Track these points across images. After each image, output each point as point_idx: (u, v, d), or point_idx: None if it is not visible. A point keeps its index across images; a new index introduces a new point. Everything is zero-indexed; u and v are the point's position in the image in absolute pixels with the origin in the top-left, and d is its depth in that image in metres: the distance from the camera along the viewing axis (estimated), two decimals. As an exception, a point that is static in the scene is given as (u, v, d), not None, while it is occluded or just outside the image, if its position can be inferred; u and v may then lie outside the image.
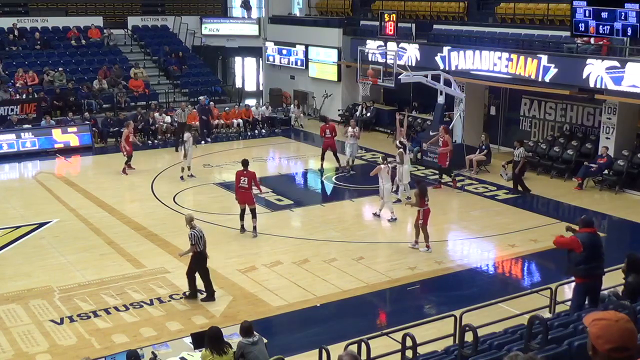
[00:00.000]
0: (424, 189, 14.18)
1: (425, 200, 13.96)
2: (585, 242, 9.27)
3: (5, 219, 16.05)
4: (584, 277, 9.34)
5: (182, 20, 31.54)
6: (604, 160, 18.56)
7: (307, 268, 13.14)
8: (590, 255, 9.28)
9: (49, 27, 29.69)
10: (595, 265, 9.36)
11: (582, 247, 9.23)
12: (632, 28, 16.43)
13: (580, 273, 9.34)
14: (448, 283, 12.74)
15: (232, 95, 30.12)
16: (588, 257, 9.27)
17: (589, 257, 9.27)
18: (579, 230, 9.54)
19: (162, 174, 20.23)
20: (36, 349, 10.10)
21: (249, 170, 14.87)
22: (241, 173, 14.83)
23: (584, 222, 9.64)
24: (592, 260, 9.31)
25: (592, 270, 9.32)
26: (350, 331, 10.06)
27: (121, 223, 15.82)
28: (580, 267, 9.29)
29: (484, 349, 7.29)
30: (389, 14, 22.98)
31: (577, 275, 9.45)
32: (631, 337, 3.31)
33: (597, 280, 9.44)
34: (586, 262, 9.25)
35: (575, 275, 9.50)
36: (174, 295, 11.91)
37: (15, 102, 24.07)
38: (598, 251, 9.46)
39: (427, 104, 24.33)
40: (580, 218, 9.90)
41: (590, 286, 9.35)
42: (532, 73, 19.49)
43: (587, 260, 9.26)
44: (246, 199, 14.81)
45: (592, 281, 9.36)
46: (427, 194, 14.10)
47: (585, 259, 9.25)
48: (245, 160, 15.14)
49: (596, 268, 9.38)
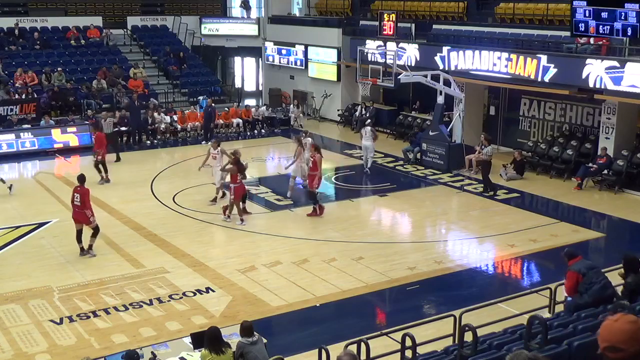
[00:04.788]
0: (242, 166, 15.52)
1: (239, 177, 15.34)
2: (581, 269, 8.99)
3: (5, 219, 16.05)
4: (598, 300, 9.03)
5: (181, 20, 31.55)
6: (603, 160, 18.57)
7: (307, 268, 13.14)
8: (593, 277, 9.02)
9: (49, 27, 29.71)
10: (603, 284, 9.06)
11: (583, 275, 8.98)
12: (632, 28, 16.42)
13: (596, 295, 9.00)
14: (447, 283, 12.73)
15: (231, 95, 30.13)
16: (591, 280, 8.99)
17: (592, 280, 9.00)
18: (569, 264, 9.27)
19: (161, 173, 20.23)
20: (36, 349, 10.10)
21: (82, 187, 13.53)
22: (75, 189, 13.61)
23: (569, 255, 9.28)
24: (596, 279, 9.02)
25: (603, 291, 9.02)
26: (350, 331, 10.05)
27: (121, 223, 15.82)
28: (594, 289, 9.00)
29: (484, 349, 7.29)
30: (388, 13, 22.98)
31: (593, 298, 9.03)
32: (627, 337, 3.27)
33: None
34: (591, 286, 8.96)
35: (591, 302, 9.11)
36: (173, 295, 11.91)
37: (14, 102, 24.07)
38: (597, 271, 9.22)
39: (427, 104, 24.35)
40: (563, 253, 9.47)
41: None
42: (532, 73, 19.49)
43: (592, 284, 8.97)
44: (81, 218, 13.51)
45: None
46: (244, 172, 15.60)
47: (590, 284, 8.99)
48: (81, 176, 13.85)
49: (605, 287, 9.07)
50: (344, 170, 20.97)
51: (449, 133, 21.26)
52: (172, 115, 25.64)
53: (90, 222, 13.55)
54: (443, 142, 20.69)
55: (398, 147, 22.62)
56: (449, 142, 20.76)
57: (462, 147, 20.65)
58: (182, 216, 16.39)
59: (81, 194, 13.41)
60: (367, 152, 20.51)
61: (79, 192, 13.44)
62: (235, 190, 15.48)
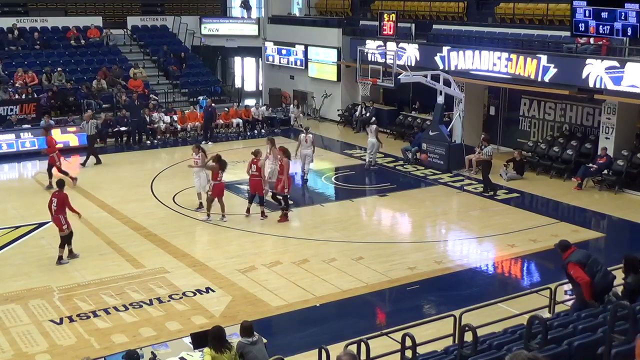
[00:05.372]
0: (224, 164, 15.58)
1: (219, 175, 15.47)
2: (581, 260, 9.03)
3: (5, 219, 16.05)
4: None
5: (181, 20, 31.57)
6: (603, 160, 18.57)
7: (307, 268, 13.14)
8: (593, 266, 9.06)
9: (49, 27, 29.71)
10: (604, 271, 9.12)
11: (583, 265, 8.99)
12: (632, 28, 16.45)
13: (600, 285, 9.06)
14: (447, 283, 12.73)
15: (231, 95, 30.13)
16: (593, 269, 9.03)
17: (593, 269, 9.03)
18: (564, 256, 9.22)
19: (161, 173, 20.23)
20: (35, 349, 10.10)
21: (60, 192, 13.42)
22: (53, 194, 13.47)
23: (562, 246, 9.30)
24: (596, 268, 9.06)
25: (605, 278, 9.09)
26: (350, 331, 10.06)
27: (121, 223, 15.82)
28: (598, 277, 8.92)
29: (484, 349, 7.29)
30: (388, 13, 23.02)
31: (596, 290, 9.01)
32: None
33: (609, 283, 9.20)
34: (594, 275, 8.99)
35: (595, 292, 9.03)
36: (173, 295, 11.91)
37: (14, 102, 24.07)
38: (595, 259, 9.26)
39: (427, 104, 24.35)
40: (556, 244, 9.48)
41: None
42: (532, 73, 19.49)
43: (594, 273, 8.99)
44: (57, 223, 13.36)
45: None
46: (224, 170, 15.64)
47: (592, 273, 8.95)
48: (59, 181, 13.84)
49: (606, 274, 9.14)
50: (344, 170, 20.99)
51: (449, 133, 21.27)
52: (172, 115, 25.64)
53: (62, 229, 13.25)
54: (443, 142, 20.69)
55: (398, 147, 22.62)
56: (449, 142, 20.76)
57: (462, 147, 20.65)
58: (182, 216, 16.39)
59: (58, 199, 13.25)
60: (372, 148, 20.85)
61: (57, 197, 13.29)
62: (215, 187, 15.62)
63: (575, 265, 9.01)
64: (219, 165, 15.56)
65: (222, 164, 15.64)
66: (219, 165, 15.56)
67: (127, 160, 22.33)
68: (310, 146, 19.25)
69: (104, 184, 19.12)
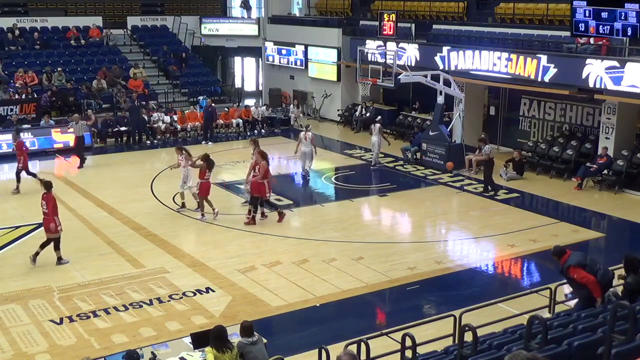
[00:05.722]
0: (211, 163, 15.77)
1: (207, 174, 15.63)
2: (580, 262, 9.11)
3: (5, 219, 16.05)
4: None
5: (181, 20, 31.56)
6: (603, 160, 18.57)
7: (307, 268, 13.14)
8: (593, 265, 9.14)
9: (49, 27, 29.71)
10: (604, 269, 9.21)
11: (584, 267, 9.04)
12: (632, 28, 16.45)
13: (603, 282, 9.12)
14: (447, 283, 12.73)
15: (231, 95, 30.13)
16: (593, 269, 9.10)
17: (593, 268, 9.11)
18: (561, 261, 9.27)
19: (161, 173, 20.23)
20: (35, 349, 10.10)
21: (48, 193, 13.18)
22: (42, 196, 13.22)
23: (558, 252, 9.37)
24: (596, 267, 9.15)
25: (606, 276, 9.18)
26: (350, 331, 10.07)
27: (120, 223, 15.82)
28: (600, 276, 9.03)
29: (484, 349, 7.29)
30: (388, 13, 23.02)
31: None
32: None
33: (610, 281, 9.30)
34: (596, 274, 9.06)
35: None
36: (173, 295, 11.91)
37: (14, 102, 24.07)
38: (592, 258, 9.36)
39: (427, 104, 24.35)
40: (552, 252, 9.57)
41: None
42: (532, 73, 19.50)
43: (595, 272, 9.07)
44: (45, 225, 13.11)
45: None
46: (212, 169, 15.83)
47: (594, 272, 9.04)
48: (47, 182, 13.52)
49: (606, 272, 9.23)
50: (344, 170, 21.00)
51: (449, 133, 21.27)
52: (172, 115, 25.65)
53: (50, 231, 13.01)
54: (443, 142, 20.69)
55: (398, 147, 22.62)
56: (449, 142, 20.76)
57: (462, 147, 20.66)
58: (182, 216, 16.40)
59: (47, 201, 13.09)
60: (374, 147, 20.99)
61: (45, 199, 13.14)
62: (201, 185, 15.76)
63: (576, 267, 9.06)
64: (207, 164, 15.73)
65: (210, 163, 15.82)
66: (207, 164, 15.73)
67: (127, 160, 22.33)
68: (310, 144, 19.28)
69: (104, 183, 19.12)
